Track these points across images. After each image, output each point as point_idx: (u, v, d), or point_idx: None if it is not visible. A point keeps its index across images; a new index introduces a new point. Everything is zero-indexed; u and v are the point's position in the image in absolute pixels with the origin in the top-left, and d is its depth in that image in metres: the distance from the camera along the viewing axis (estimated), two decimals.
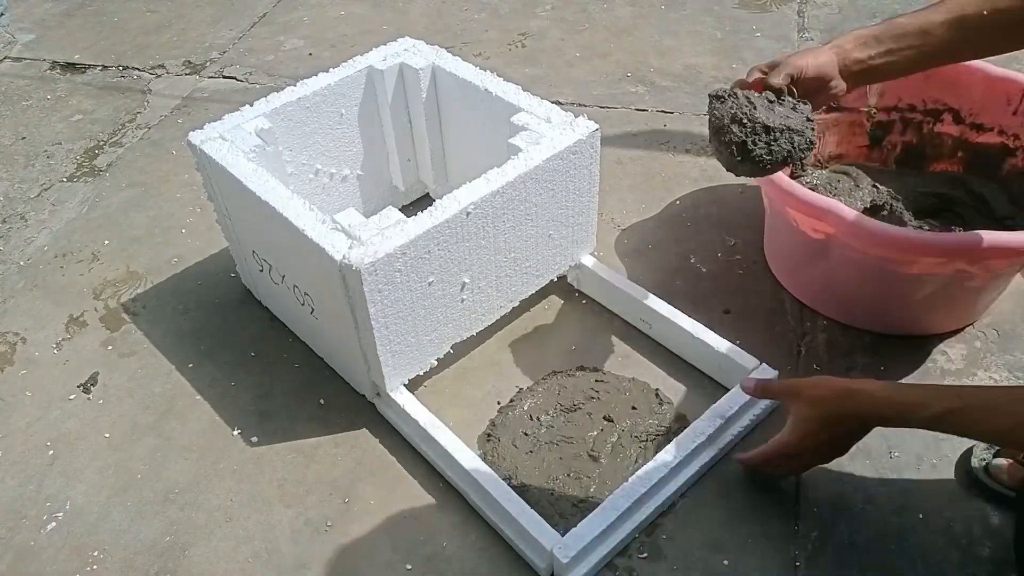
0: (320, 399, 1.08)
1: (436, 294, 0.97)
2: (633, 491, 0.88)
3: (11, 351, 1.18)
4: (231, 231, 1.14)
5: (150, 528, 0.95)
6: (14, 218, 1.43)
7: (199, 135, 1.06)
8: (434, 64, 1.17)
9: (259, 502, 0.97)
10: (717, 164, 1.44)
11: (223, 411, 1.08)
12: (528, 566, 0.88)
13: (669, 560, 0.89)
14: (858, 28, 0.88)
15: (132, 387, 1.12)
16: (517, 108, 1.06)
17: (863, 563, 0.87)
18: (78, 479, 1.01)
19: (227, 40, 1.91)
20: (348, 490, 0.98)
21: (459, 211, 0.92)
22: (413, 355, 1.00)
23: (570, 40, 1.82)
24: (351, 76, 1.16)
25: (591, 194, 1.09)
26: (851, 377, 1.06)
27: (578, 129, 1.02)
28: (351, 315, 0.93)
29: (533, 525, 0.86)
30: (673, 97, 1.62)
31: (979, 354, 1.08)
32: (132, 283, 1.28)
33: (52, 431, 1.07)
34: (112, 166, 1.53)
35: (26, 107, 1.72)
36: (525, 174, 0.97)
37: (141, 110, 1.69)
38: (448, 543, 0.92)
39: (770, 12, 1.87)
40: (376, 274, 0.87)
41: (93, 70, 1.83)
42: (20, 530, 0.96)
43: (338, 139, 1.20)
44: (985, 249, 0.91)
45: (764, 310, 1.16)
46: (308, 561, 0.91)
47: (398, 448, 1.02)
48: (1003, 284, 1.10)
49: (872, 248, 0.97)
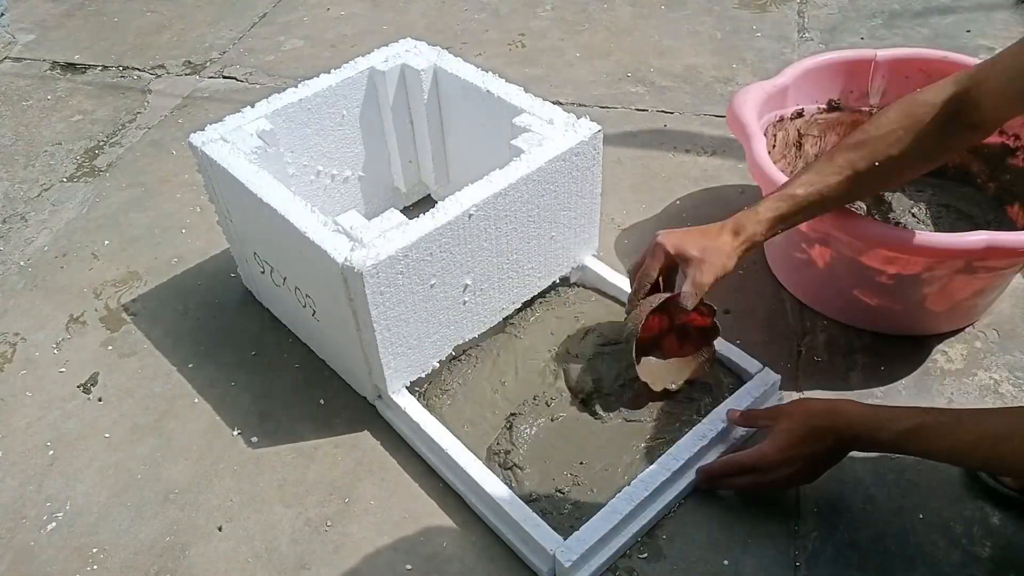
0: (320, 399, 1.08)
1: (438, 296, 0.97)
2: (636, 494, 0.88)
3: (11, 351, 1.18)
4: (232, 233, 1.14)
5: (150, 528, 0.95)
6: (14, 218, 1.43)
7: (200, 136, 1.06)
8: (436, 65, 1.17)
9: (259, 502, 0.97)
10: (718, 164, 1.45)
11: (223, 411, 1.08)
12: (527, 565, 0.88)
13: (669, 560, 0.89)
14: (760, 207, 0.91)
15: (132, 387, 1.12)
16: (519, 109, 1.06)
17: (863, 563, 0.87)
18: (78, 479, 1.01)
19: (227, 40, 1.91)
20: (348, 490, 0.98)
21: (461, 213, 0.92)
22: (415, 357, 1.00)
23: (570, 40, 1.82)
24: (352, 77, 1.16)
25: (593, 195, 1.09)
26: (851, 377, 1.06)
27: (580, 131, 1.02)
28: (353, 317, 0.93)
29: (535, 528, 0.86)
30: (673, 97, 1.62)
31: (979, 354, 1.09)
32: (132, 283, 1.28)
33: (52, 431, 1.07)
34: (112, 166, 1.53)
35: (26, 107, 1.72)
36: (527, 176, 0.97)
37: (141, 110, 1.69)
38: (448, 543, 0.92)
39: (770, 12, 1.87)
40: (378, 276, 0.87)
41: (93, 70, 1.83)
42: (20, 530, 0.96)
43: (339, 140, 1.20)
44: (985, 250, 0.91)
45: (764, 310, 1.16)
46: (308, 561, 0.91)
47: (398, 448, 1.02)
48: (1003, 284, 1.10)
49: (872, 248, 0.97)
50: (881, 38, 1.76)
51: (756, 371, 1.01)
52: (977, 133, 0.88)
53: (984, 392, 1.04)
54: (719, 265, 0.90)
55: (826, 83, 1.24)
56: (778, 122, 1.22)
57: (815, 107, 1.25)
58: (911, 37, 1.75)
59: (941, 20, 1.80)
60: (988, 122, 0.85)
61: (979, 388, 1.04)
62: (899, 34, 1.77)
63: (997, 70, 0.82)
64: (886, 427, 0.80)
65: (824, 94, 1.25)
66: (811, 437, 0.85)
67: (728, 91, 1.62)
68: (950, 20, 1.79)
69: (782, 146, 1.24)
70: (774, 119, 1.21)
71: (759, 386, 0.99)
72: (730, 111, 1.13)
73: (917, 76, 1.21)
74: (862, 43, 1.73)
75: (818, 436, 0.85)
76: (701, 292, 0.91)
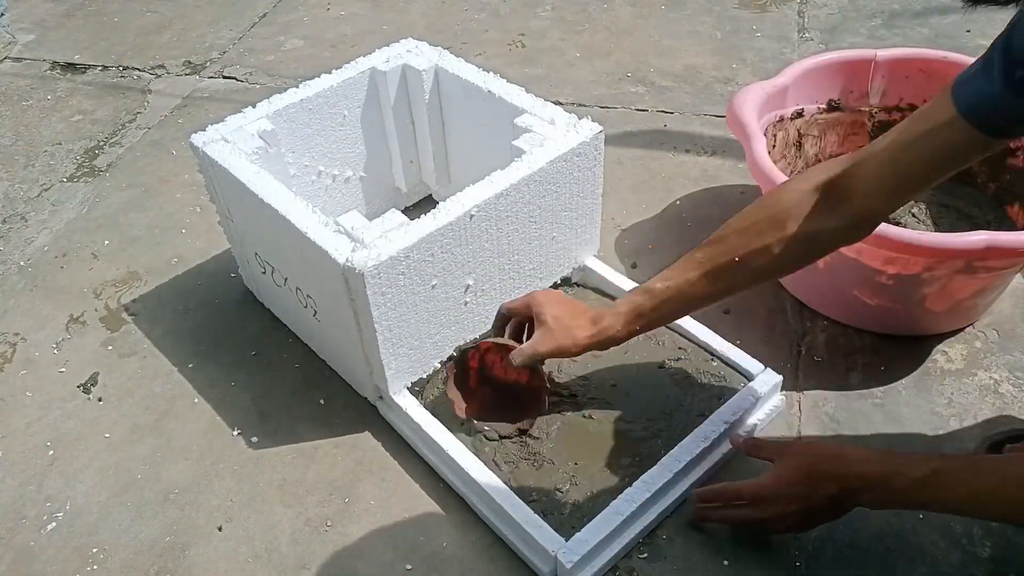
0: (320, 399, 1.08)
1: (439, 297, 0.97)
2: (637, 495, 0.88)
3: (11, 351, 1.18)
4: (233, 233, 1.14)
5: (150, 528, 0.95)
6: (14, 218, 1.43)
7: (201, 137, 1.06)
8: (437, 65, 1.17)
9: (259, 502, 0.97)
10: (718, 164, 1.45)
11: (223, 411, 1.08)
12: (528, 565, 0.88)
13: (669, 560, 0.89)
14: (621, 300, 0.88)
15: (132, 387, 1.12)
16: (520, 110, 1.06)
17: (863, 563, 0.87)
18: (78, 479, 1.01)
19: (227, 40, 1.91)
20: (348, 490, 0.98)
21: (463, 214, 0.92)
22: (416, 358, 1.00)
23: (570, 40, 1.82)
24: (353, 77, 1.16)
25: (595, 196, 1.09)
26: (851, 377, 1.06)
27: (582, 131, 1.02)
28: (354, 318, 0.93)
29: (536, 529, 0.86)
30: (673, 97, 1.62)
31: (979, 354, 1.09)
32: (132, 283, 1.28)
33: (52, 431, 1.07)
34: (112, 166, 1.53)
35: (26, 107, 1.72)
36: (529, 176, 0.97)
37: (141, 110, 1.69)
38: (448, 543, 0.92)
39: (770, 12, 1.87)
40: (379, 277, 0.87)
41: (93, 70, 1.83)
42: (20, 530, 0.96)
43: (340, 141, 1.20)
44: (985, 250, 0.91)
45: (764, 310, 1.16)
46: (308, 561, 0.91)
47: (398, 448, 1.02)
48: (1003, 284, 1.10)
49: (873, 248, 0.97)
50: (881, 38, 1.76)
51: (758, 372, 1.01)
52: (850, 225, 0.79)
53: (984, 392, 1.04)
54: (561, 346, 0.88)
55: (826, 83, 1.24)
56: (778, 122, 1.22)
57: (815, 107, 1.25)
58: (911, 37, 1.75)
59: (941, 20, 1.80)
60: (861, 212, 0.77)
61: (979, 388, 1.04)
62: (899, 34, 1.77)
63: (870, 157, 0.76)
64: (902, 472, 0.74)
65: (824, 94, 1.25)
66: (814, 479, 0.80)
67: (728, 91, 1.62)
68: (950, 20, 1.79)
69: (782, 146, 1.25)
70: (774, 119, 1.21)
71: (761, 387, 0.99)
72: (730, 111, 1.13)
73: (917, 76, 1.21)
74: (862, 43, 1.73)
75: (821, 480, 0.80)
76: (529, 360, 0.90)
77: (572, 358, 0.97)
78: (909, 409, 1.02)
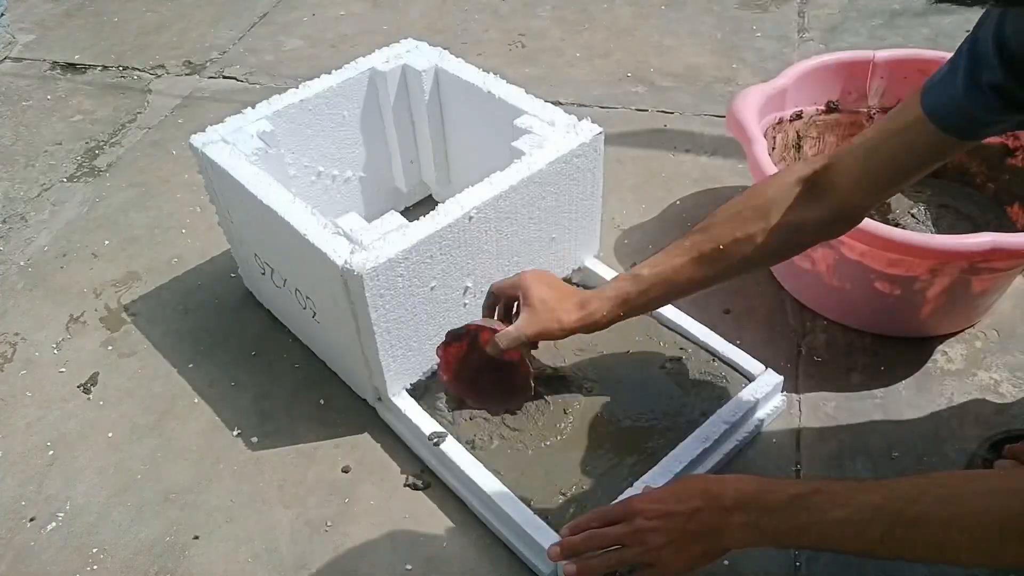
0: (320, 400, 1.08)
1: (438, 299, 0.97)
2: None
3: (11, 351, 1.18)
4: (233, 234, 1.14)
5: (150, 528, 0.96)
6: (14, 218, 1.43)
7: (201, 138, 1.06)
8: (437, 66, 1.17)
9: (259, 502, 0.97)
10: (718, 164, 1.45)
11: (223, 411, 1.08)
12: (528, 566, 0.88)
13: None
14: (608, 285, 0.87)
15: (132, 387, 1.12)
16: (520, 111, 1.06)
17: (863, 563, 0.87)
18: (78, 479, 1.01)
19: (227, 40, 1.91)
20: (348, 491, 0.98)
21: (462, 215, 0.92)
22: (415, 360, 1.00)
23: (570, 40, 1.82)
24: (353, 78, 1.16)
25: (595, 197, 1.09)
26: (851, 377, 1.06)
27: (582, 132, 1.02)
28: (353, 320, 0.93)
29: (536, 530, 0.86)
30: (673, 97, 1.62)
31: (979, 354, 1.09)
32: (132, 283, 1.28)
33: (52, 431, 1.07)
34: (112, 166, 1.53)
35: (26, 107, 1.72)
36: (529, 178, 0.97)
37: (141, 110, 1.69)
38: (448, 543, 0.92)
39: (770, 12, 1.87)
40: (378, 279, 0.87)
41: (93, 70, 1.83)
42: (20, 530, 0.96)
43: (340, 141, 1.20)
44: (990, 252, 0.91)
45: (764, 310, 1.16)
46: (308, 561, 0.91)
47: (398, 449, 1.02)
48: (1006, 284, 1.10)
49: (877, 251, 0.97)
50: (881, 38, 1.76)
51: (759, 373, 1.01)
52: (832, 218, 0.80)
53: (984, 392, 1.04)
54: (547, 328, 0.86)
55: (825, 84, 1.24)
56: (777, 124, 1.22)
57: (814, 109, 1.25)
58: (911, 37, 1.75)
59: (941, 20, 1.80)
60: (840, 205, 0.79)
61: (979, 388, 1.04)
62: (899, 34, 1.77)
63: (849, 153, 0.77)
64: (777, 489, 0.68)
65: (823, 96, 1.25)
66: (683, 494, 0.72)
67: (728, 91, 1.62)
68: (950, 20, 1.79)
69: (781, 148, 1.25)
70: (773, 121, 1.21)
71: (761, 388, 0.99)
72: (730, 115, 1.13)
73: (916, 77, 1.21)
74: (862, 43, 1.73)
75: (689, 494, 0.72)
76: (514, 342, 0.88)
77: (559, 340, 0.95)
78: (909, 409, 1.02)
